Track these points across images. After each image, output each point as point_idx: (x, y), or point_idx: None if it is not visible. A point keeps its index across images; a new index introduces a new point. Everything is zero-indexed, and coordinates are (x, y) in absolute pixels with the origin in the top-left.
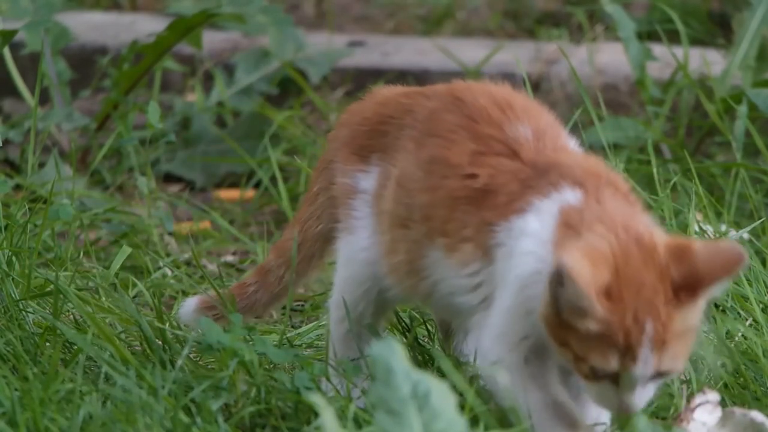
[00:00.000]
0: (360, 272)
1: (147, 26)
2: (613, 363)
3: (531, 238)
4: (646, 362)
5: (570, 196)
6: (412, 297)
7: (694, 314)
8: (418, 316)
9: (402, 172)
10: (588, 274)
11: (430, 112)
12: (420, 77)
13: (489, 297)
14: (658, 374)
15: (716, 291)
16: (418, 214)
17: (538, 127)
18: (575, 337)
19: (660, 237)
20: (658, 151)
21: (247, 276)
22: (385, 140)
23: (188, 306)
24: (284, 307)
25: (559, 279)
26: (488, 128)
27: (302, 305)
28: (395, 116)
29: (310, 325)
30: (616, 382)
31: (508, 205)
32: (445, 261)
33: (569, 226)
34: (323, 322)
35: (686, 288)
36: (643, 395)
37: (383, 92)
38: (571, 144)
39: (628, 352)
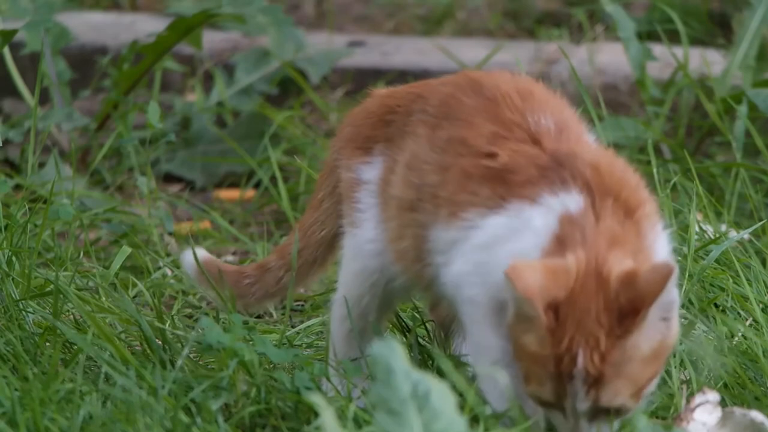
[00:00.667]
0: (368, 264)
1: (147, 26)
2: (547, 392)
3: (533, 237)
4: (577, 396)
5: (573, 202)
6: (417, 286)
7: (640, 342)
8: (418, 316)
9: (412, 155)
10: (537, 283)
11: (445, 95)
12: (420, 77)
13: None
14: (605, 410)
15: (658, 311)
16: (428, 194)
17: (561, 119)
18: (523, 355)
19: (619, 266)
20: (658, 151)
21: (247, 267)
22: (389, 129)
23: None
24: (284, 307)
25: (508, 284)
26: (510, 113)
27: (302, 305)
28: (402, 104)
29: (311, 322)
30: (564, 411)
31: (524, 187)
32: (444, 233)
33: (561, 241)
34: (324, 320)
35: (631, 313)
36: (592, 429)
37: (385, 89)
38: (591, 139)
39: (560, 383)
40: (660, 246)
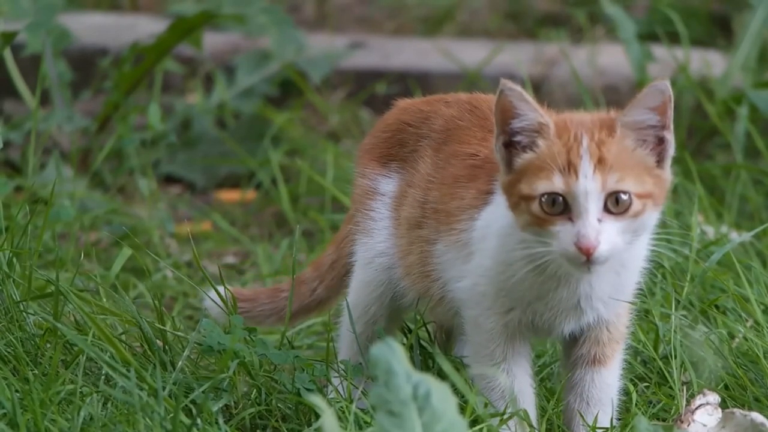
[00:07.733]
0: (375, 277)
1: (147, 27)
2: (557, 182)
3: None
4: (587, 176)
5: None
6: (424, 303)
7: (627, 145)
8: (419, 318)
9: (420, 176)
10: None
11: (447, 120)
12: (421, 78)
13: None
14: (609, 194)
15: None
16: (430, 210)
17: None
18: (524, 179)
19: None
20: None
21: (282, 283)
22: (404, 150)
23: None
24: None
25: (505, 104)
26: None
27: None
28: (413, 124)
29: (311, 322)
30: (571, 218)
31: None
32: (446, 248)
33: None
34: (324, 320)
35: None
36: (601, 231)
37: (407, 101)
38: None
39: (571, 167)
40: None
